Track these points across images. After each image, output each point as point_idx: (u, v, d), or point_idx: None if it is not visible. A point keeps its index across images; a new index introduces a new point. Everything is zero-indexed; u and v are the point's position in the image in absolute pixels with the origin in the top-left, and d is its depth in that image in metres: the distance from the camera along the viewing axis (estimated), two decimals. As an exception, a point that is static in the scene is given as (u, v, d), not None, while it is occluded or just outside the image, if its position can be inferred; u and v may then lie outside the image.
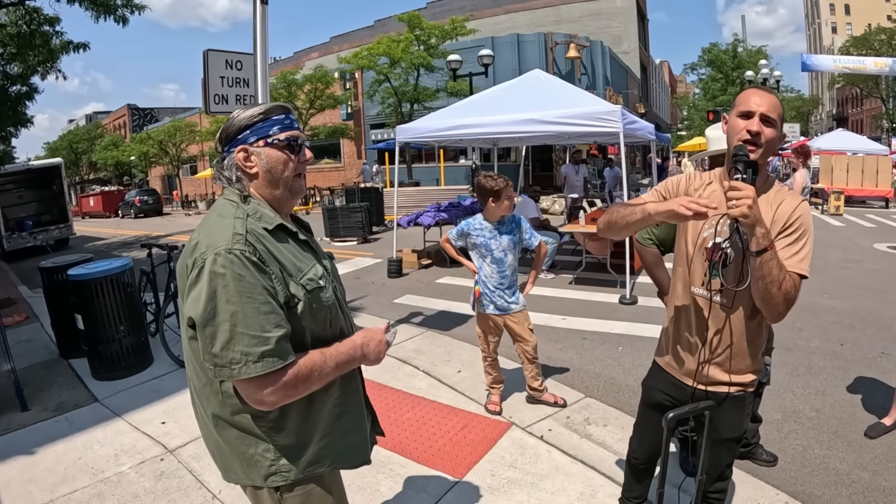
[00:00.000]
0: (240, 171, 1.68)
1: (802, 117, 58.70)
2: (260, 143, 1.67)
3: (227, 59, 5.52)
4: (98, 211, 40.50)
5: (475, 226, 4.34)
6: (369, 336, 1.78)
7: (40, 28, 14.07)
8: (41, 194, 20.19)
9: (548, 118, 8.28)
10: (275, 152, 1.68)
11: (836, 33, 79.40)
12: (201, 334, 1.50)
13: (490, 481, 3.49)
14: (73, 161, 56.19)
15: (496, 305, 4.34)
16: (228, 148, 1.69)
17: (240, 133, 1.67)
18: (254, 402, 1.55)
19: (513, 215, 4.36)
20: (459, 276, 9.71)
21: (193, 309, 1.50)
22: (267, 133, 1.67)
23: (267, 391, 1.51)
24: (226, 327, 1.47)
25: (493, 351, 4.52)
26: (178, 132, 41.16)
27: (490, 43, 27.72)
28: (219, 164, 1.72)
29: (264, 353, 1.48)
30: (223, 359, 1.48)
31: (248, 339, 1.47)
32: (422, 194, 18.37)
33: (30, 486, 3.66)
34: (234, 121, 1.68)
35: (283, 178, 1.70)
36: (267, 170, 1.68)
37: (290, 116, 1.73)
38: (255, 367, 1.47)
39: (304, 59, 43.42)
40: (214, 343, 1.48)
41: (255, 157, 1.67)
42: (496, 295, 4.32)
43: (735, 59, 37.18)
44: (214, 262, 1.48)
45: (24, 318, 8.29)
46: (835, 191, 17.70)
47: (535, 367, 4.50)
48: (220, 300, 1.47)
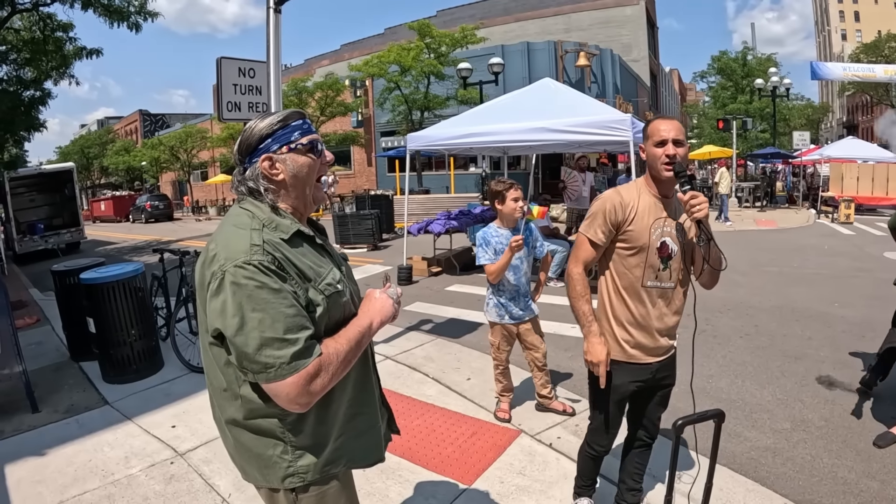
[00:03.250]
0: (265, 180, 1.68)
1: (812, 125, 58.33)
2: (283, 150, 1.67)
3: (239, 66, 5.58)
4: (109, 215, 40.84)
5: (492, 233, 4.30)
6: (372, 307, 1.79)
7: (54, 34, 14.23)
8: (53, 198, 20.35)
9: (557, 127, 8.29)
10: (300, 157, 1.69)
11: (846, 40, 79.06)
12: (233, 345, 1.53)
13: (499, 488, 3.49)
14: (84, 166, 56.67)
15: (511, 315, 4.32)
16: (250, 158, 1.69)
17: (261, 142, 1.67)
18: (288, 402, 1.54)
19: (526, 223, 4.34)
20: (469, 284, 9.72)
21: (220, 321, 1.52)
22: (289, 139, 1.68)
23: (300, 392, 1.52)
24: (255, 335, 1.49)
25: (506, 360, 4.50)
26: (190, 138, 41.46)
27: (500, 51, 27.80)
28: (240, 176, 1.72)
29: (295, 354, 1.50)
30: (258, 365, 1.50)
31: (277, 343, 1.49)
32: (432, 202, 18.43)
33: (40, 487, 3.68)
34: (254, 131, 1.68)
35: (308, 182, 1.72)
36: (293, 174, 1.69)
37: (307, 121, 1.74)
38: (289, 368, 1.50)
39: (315, 67, 43.63)
40: (247, 350, 1.50)
41: (280, 164, 1.68)
42: (512, 304, 4.30)
43: (745, 68, 37.03)
44: (235, 275, 1.50)
45: (35, 320, 8.36)
46: (845, 199, 17.61)
47: (545, 374, 4.50)
48: (247, 310, 1.49)
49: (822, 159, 21.37)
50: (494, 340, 4.48)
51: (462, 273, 10.70)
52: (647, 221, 2.54)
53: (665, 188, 2.56)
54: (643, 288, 2.61)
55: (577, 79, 29.73)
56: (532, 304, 4.41)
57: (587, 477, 3.14)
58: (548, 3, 41.56)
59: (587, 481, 3.16)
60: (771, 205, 23.10)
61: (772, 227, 16.75)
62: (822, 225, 17.02)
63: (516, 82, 23.09)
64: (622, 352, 2.69)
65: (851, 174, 20.22)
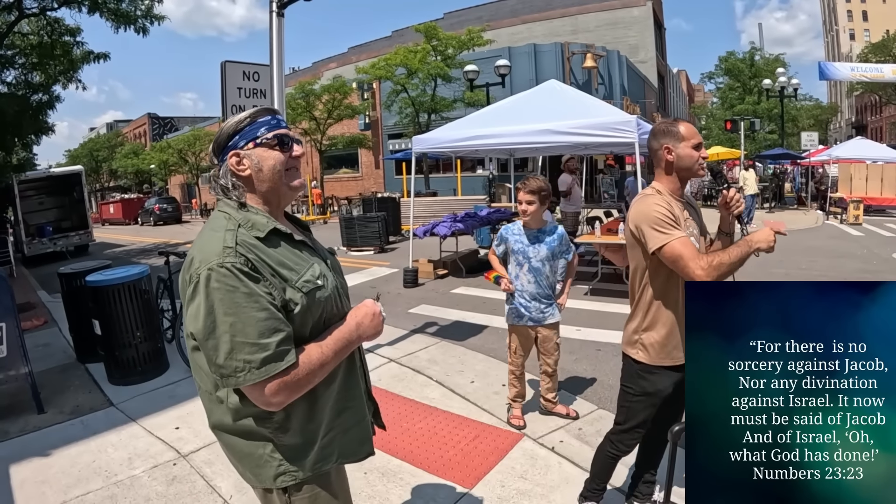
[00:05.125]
0: (234, 177, 1.71)
1: (821, 126, 58.07)
2: (250, 146, 1.69)
3: (244, 70, 5.61)
4: (118, 218, 41.01)
5: (513, 231, 4.32)
6: (361, 314, 1.79)
7: (61, 38, 14.33)
8: (62, 201, 20.51)
9: (563, 129, 8.29)
10: (264, 151, 1.70)
11: (854, 40, 78.51)
12: (204, 348, 1.55)
13: (500, 492, 3.48)
14: (93, 169, 56.97)
15: (531, 317, 4.29)
16: (221, 157, 1.72)
17: (229, 140, 1.70)
18: (262, 404, 1.58)
19: (555, 226, 4.35)
20: (475, 287, 9.72)
21: (193, 324, 1.55)
22: (255, 135, 1.70)
23: (272, 393, 1.55)
24: (226, 339, 1.51)
25: (522, 365, 4.47)
26: (198, 141, 41.60)
27: (507, 53, 27.81)
28: (214, 175, 1.75)
29: (265, 358, 1.51)
30: (227, 369, 1.52)
31: (248, 348, 1.51)
32: (439, 204, 18.42)
33: (43, 487, 3.71)
34: (223, 129, 1.72)
35: (274, 175, 1.72)
36: (258, 169, 1.70)
37: (276, 117, 1.76)
38: (259, 374, 1.51)
39: (323, 70, 43.73)
40: (218, 355, 1.52)
41: (246, 159, 1.69)
42: (532, 306, 4.27)
43: (752, 68, 36.90)
44: (209, 278, 1.52)
45: (42, 322, 8.41)
46: (854, 200, 17.50)
47: (552, 380, 4.49)
48: (218, 313, 1.51)
49: (830, 160, 21.26)
50: (512, 344, 4.45)
51: (468, 275, 10.69)
52: (681, 223, 2.56)
53: (681, 189, 2.68)
54: (676, 288, 2.62)
55: (584, 80, 29.69)
56: (557, 309, 4.37)
57: (601, 480, 3.10)
58: (554, 4, 41.54)
59: (599, 484, 3.11)
60: (779, 206, 22.99)
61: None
62: (830, 226, 16.93)
63: (523, 84, 23.03)
64: (667, 356, 2.68)
65: (860, 175, 20.12)
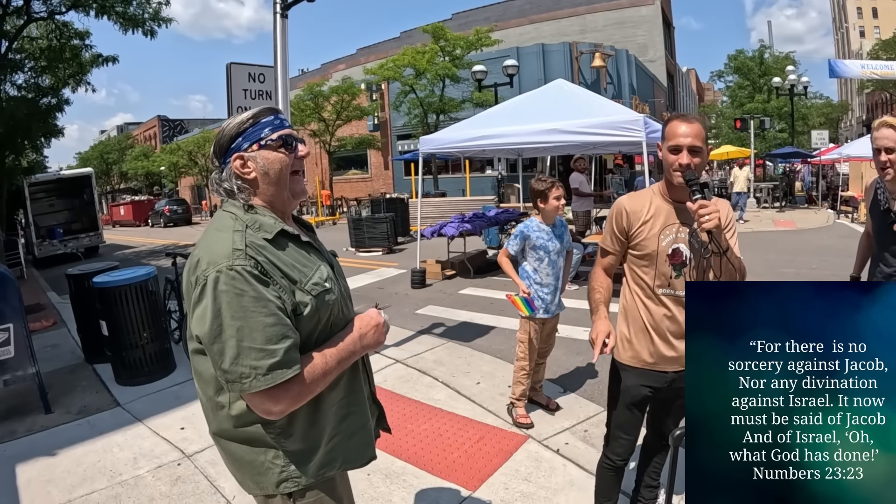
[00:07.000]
0: (239, 180, 1.67)
1: (831, 124, 57.58)
2: (254, 148, 1.66)
3: (249, 72, 5.61)
4: (128, 220, 41.29)
5: (534, 227, 4.38)
6: (364, 324, 1.77)
7: (70, 42, 14.42)
8: (72, 203, 20.68)
9: (570, 128, 8.27)
10: (270, 153, 1.67)
11: (865, 37, 77.75)
12: (210, 351, 1.52)
13: (503, 494, 3.47)
14: (104, 171, 57.28)
15: (547, 309, 4.40)
16: (224, 159, 1.70)
17: (232, 142, 1.68)
18: (263, 412, 1.56)
19: (561, 220, 4.47)
20: (482, 287, 9.70)
21: (200, 327, 1.51)
22: (259, 136, 1.67)
23: (276, 401, 1.52)
24: (232, 343, 1.48)
25: (533, 360, 4.50)
26: (208, 143, 41.74)
27: (515, 53, 27.78)
28: (217, 177, 1.73)
29: (272, 365, 1.48)
30: (233, 374, 1.49)
31: (255, 353, 1.47)
32: (448, 205, 18.43)
33: (49, 487, 3.73)
34: (225, 131, 1.69)
35: (281, 178, 1.70)
36: (264, 172, 1.67)
37: (279, 117, 1.73)
38: (265, 380, 1.48)
39: (332, 71, 43.87)
40: (224, 359, 1.49)
41: (251, 162, 1.66)
42: (549, 299, 4.40)
43: (762, 66, 36.63)
44: (217, 280, 1.49)
45: (51, 323, 8.47)
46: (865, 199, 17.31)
47: (542, 368, 4.70)
48: (225, 317, 1.48)
49: (841, 158, 21.09)
50: (524, 338, 4.45)
51: (476, 276, 10.67)
52: (656, 228, 2.49)
53: (678, 193, 2.45)
54: (656, 295, 2.58)
55: (592, 80, 29.64)
56: (562, 301, 4.55)
57: (603, 496, 2.98)
58: (562, 4, 41.47)
59: (604, 501, 2.99)
60: (790, 205, 22.83)
61: (790, 227, 16.54)
62: (841, 225, 16.77)
63: (531, 84, 22.97)
64: (635, 357, 2.68)
65: (872, 173, 19.91)
